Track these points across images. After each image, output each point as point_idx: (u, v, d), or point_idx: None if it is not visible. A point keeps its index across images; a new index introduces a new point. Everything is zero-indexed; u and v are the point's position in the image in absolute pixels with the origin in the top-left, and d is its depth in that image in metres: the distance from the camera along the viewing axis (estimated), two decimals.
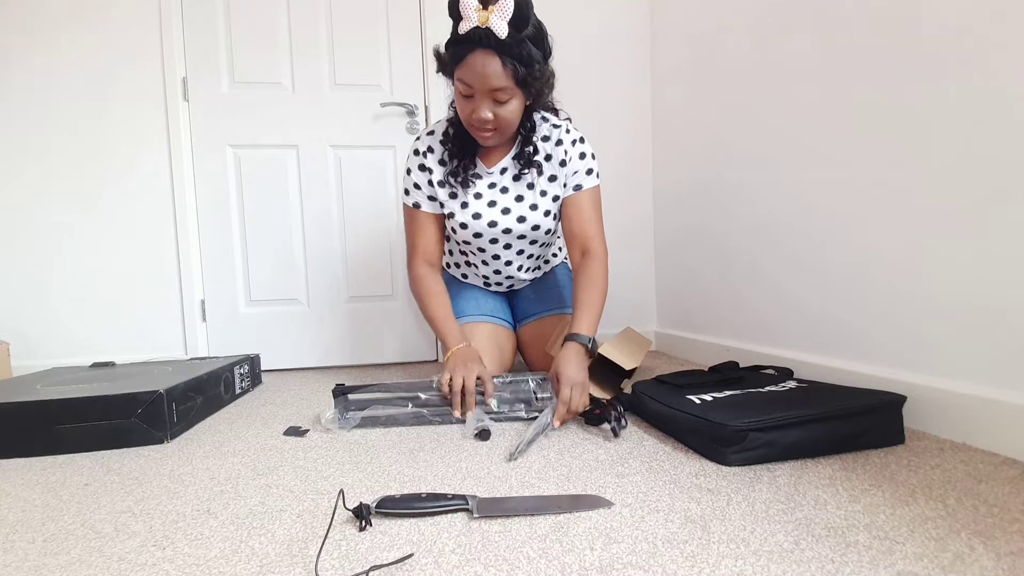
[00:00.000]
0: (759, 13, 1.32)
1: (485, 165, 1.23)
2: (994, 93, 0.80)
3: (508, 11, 0.97)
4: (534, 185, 1.22)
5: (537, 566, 0.53)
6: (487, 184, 1.23)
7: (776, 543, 0.56)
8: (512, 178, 1.23)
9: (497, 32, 0.97)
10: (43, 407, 0.98)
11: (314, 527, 0.64)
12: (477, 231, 1.23)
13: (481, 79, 1.02)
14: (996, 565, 0.51)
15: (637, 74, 1.95)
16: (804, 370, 1.18)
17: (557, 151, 1.21)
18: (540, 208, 1.23)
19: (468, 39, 0.99)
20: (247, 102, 1.78)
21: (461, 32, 1.00)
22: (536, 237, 1.28)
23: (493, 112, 1.07)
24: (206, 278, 1.80)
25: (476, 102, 1.06)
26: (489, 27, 0.97)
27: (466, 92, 1.06)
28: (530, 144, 1.21)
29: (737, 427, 0.77)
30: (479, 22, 0.97)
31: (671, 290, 1.88)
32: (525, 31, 1.01)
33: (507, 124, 1.11)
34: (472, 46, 1.00)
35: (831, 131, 1.11)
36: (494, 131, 1.12)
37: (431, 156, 1.23)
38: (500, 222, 1.22)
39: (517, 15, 0.97)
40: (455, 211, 1.23)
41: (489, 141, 1.15)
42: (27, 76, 1.69)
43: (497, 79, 1.02)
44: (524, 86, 1.06)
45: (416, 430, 1.03)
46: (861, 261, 1.05)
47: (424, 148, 1.23)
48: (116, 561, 0.58)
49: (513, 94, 1.06)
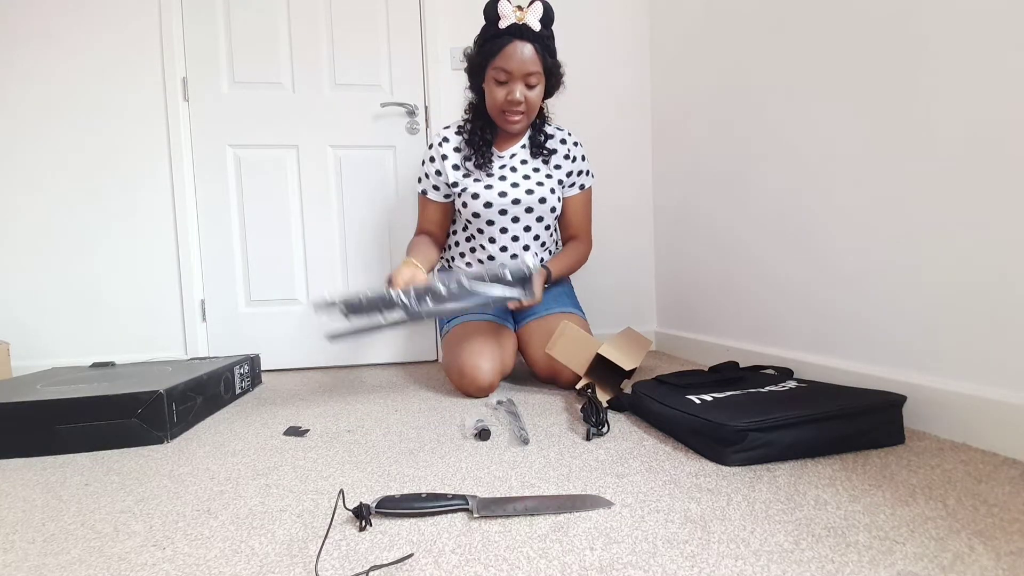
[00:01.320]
0: (765, 11, 1.32)
1: (499, 151, 1.41)
2: (998, 92, 0.80)
3: (539, 12, 1.26)
4: (540, 168, 1.40)
5: (537, 566, 0.53)
6: (499, 166, 1.40)
7: (776, 543, 0.56)
8: (521, 161, 1.41)
9: (532, 26, 1.25)
10: (43, 407, 0.98)
11: (314, 527, 0.64)
12: (488, 200, 1.35)
13: (520, 63, 1.25)
14: (996, 565, 0.51)
15: (637, 72, 1.94)
16: (804, 370, 1.18)
17: (561, 148, 1.43)
18: (547, 185, 1.39)
19: (508, 32, 1.25)
20: (247, 102, 1.78)
21: (501, 27, 1.25)
22: (542, 213, 1.39)
23: (524, 95, 1.29)
24: (206, 278, 1.80)
25: (511, 86, 1.28)
26: (526, 23, 1.24)
27: (502, 79, 1.28)
28: (540, 133, 1.42)
29: (737, 427, 0.77)
30: (517, 20, 1.24)
31: (671, 290, 1.88)
32: (549, 30, 1.29)
33: (532, 107, 1.33)
34: (511, 37, 1.24)
35: (831, 131, 1.11)
36: (523, 114, 1.32)
37: (447, 145, 1.40)
38: (510, 192, 1.36)
39: (545, 16, 1.27)
40: (468, 186, 1.37)
41: (517, 124, 1.34)
42: (25, 76, 1.69)
43: (532, 64, 1.26)
44: (548, 75, 1.31)
45: (416, 430, 1.03)
46: (861, 261, 1.05)
47: (439, 139, 1.41)
48: (116, 561, 0.58)
49: (540, 80, 1.30)
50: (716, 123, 1.53)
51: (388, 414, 1.17)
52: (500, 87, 1.29)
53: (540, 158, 1.41)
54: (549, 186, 1.38)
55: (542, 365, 1.35)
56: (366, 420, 1.13)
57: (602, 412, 0.97)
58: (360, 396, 1.37)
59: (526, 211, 1.37)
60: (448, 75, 1.84)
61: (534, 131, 1.42)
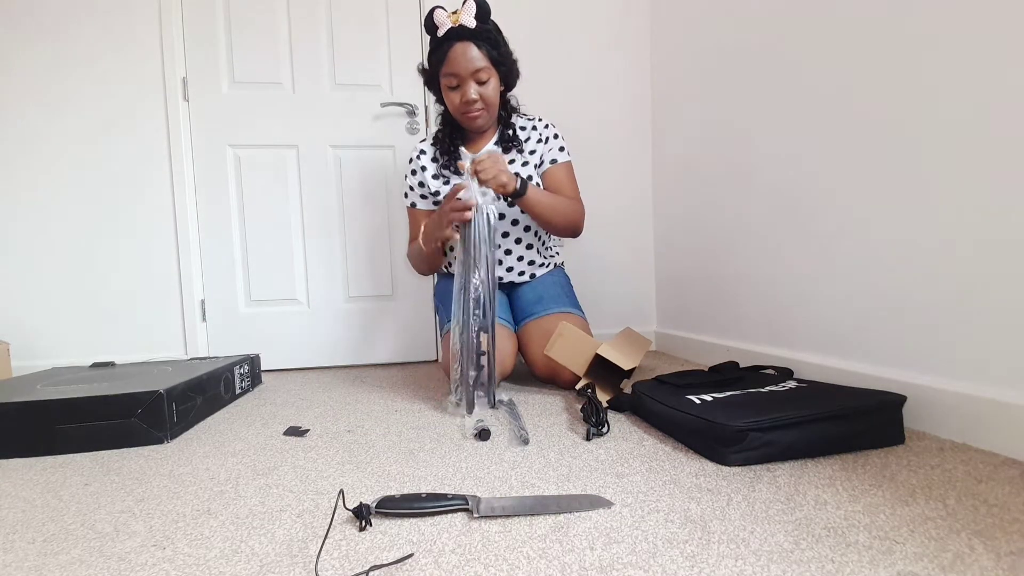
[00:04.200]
0: (765, 3, 1.32)
1: (471, 152, 1.41)
2: (998, 91, 0.80)
3: (472, 9, 1.24)
4: (515, 159, 1.40)
5: (537, 566, 0.53)
6: None
7: (776, 543, 0.56)
8: None
9: (468, 25, 1.24)
10: (43, 407, 0.98)
11: (314, 527, 0.64)
12: None
13: (464, 63, 1.26)
14: (996, 565, 0.51)
15: (637, 73, 1.94)
16: (804, 370, 1.18)
17: (533, 134, 1.43)
18: (524, 172, 1.38)
19: (447, 37, 1.26)
20: (247, 102, 1.78)
21: (440, 35, 1.26)
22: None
23: (478, 92, 1.30)
24: (206, 278, 1.80)
25: (463, 88, 1.29)
26: (461, 23, 1.24)
27: (453, 83, 1.30)
28: (510, 127, 1.42)
29: (737, 427, 0.77)
30: (452, 23, 1.25)
31: (671, 290, 1.88)
32: (488, 24, 1.28)
33: (491, 102, 1.33)
34: (451, 41, 1.26)
35: (831, 131, 1.11)
36: (482, 111, 1.33)
37: (424, 156, 1.44)
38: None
39: (479, 12, 1.25)
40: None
41: (478, 121, 1.35)
42: (25, 76, 1.69)
43: (477, 60, 1.27)
44: (497, 66, 1.31)
45: (416, 430, 1.03)
46: (861, 261, 1.05)
47: (416, 153, 1.45)
48: (116, 561, 0.58)
49: (491, 74, 1.30)
50: (716, 123, 1.53)
51: (388, 414, 1.17)
52: (454, 91, 1.31)
53: (514, 150, 1.41)
54: (527, 172, 1.39)
55: (542, 365, 1.35)
56: (366, 420, 1.13)
57: (602, 412, 0.97)
58: (360, 396, 1.37)
59: (508, 203, 1.36)
60: None
61: (503, 126, 1.42)
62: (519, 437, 0.93)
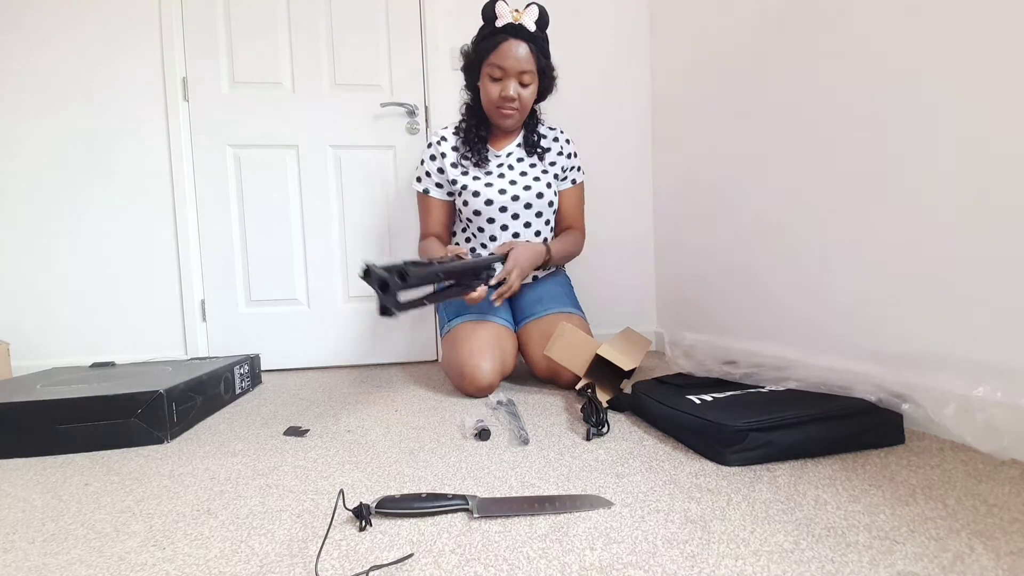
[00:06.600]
0: (759, 13, 1.32)
1: (495, 149, 1.44)
2: (996, 93, 0.80)
3: (535, 14, 1.31)
4: (536, 164, 1.44)
5: (537, 566, 0.53)
6: (496, 164, 1.43)
7: (776, 543, 0.56)
8: (517, 159, 1.45)
9: (528, 27, 1.29)
10: (43, 407, 0.98)
11: (314, 527, 0.64)
12: (489, 197, 1.38)
13: (514, 61, 1.29)
14: (996, 565, 0.51)
15: (637, 72, 1.95)
16: (804, 370, 1.18)
17: (555, 146, 1.48)
18: (543, 180, 1.42)
19: (504, 30, 1.29)
20: (247, 102, 1.78)
21: (498, 25, 1.29)
22: (541, 208, 1.42)
23: (518, 92, 1.33)
24: (206, 278, 1.80)
25: (505, 82, 1.32)
26: (522, 23, 1.29)
27: (496, 75, 1.32)
28: (534, 133, 1.46)
29: (737, 427, 0.77)
30: (513, 19, 1.28)
31: (671, 290, 1.88)
32: (544, 33, 1.33)
33: (525, 106, 1.37)
34: (507, 36, 1.29)
35: (831, 131, 1.11)
36: (515, 110, 1.36)
37: (445, 143, 1.43)
38: (509, 189, 1.39)
39: (541, 19, 1.32)
40: (468, 184, 1.40)
41: (509, 121, 1.37)
42: (24, 76, 1.69)
43: (526, 62, 1.30)
44: (542, 75, 1.35)
45: (416, 430, 1.03)
46: (861, 261, 1.05)
47: (438, 138, 1.44)
48: (116, 561, 0.58)
49: (534, 79, 1.34)
50: (716, 123, 1.53)
51: (388, 414, 1.17)
52: (495, 83, 1.33)
53: (535, 156, 1.45)
54: (546, 181, 1.42)
55: (542, 365, 1.35)
56: (366, 420, 1.13)
57: (602, 412, 0.97)
58: (360, 396, 1.37)
59: (525, 207, 1.39)
60: (448, 75, 1.84)
61: (528, 131, 1.46)
62: (519, 437, 0.93)
